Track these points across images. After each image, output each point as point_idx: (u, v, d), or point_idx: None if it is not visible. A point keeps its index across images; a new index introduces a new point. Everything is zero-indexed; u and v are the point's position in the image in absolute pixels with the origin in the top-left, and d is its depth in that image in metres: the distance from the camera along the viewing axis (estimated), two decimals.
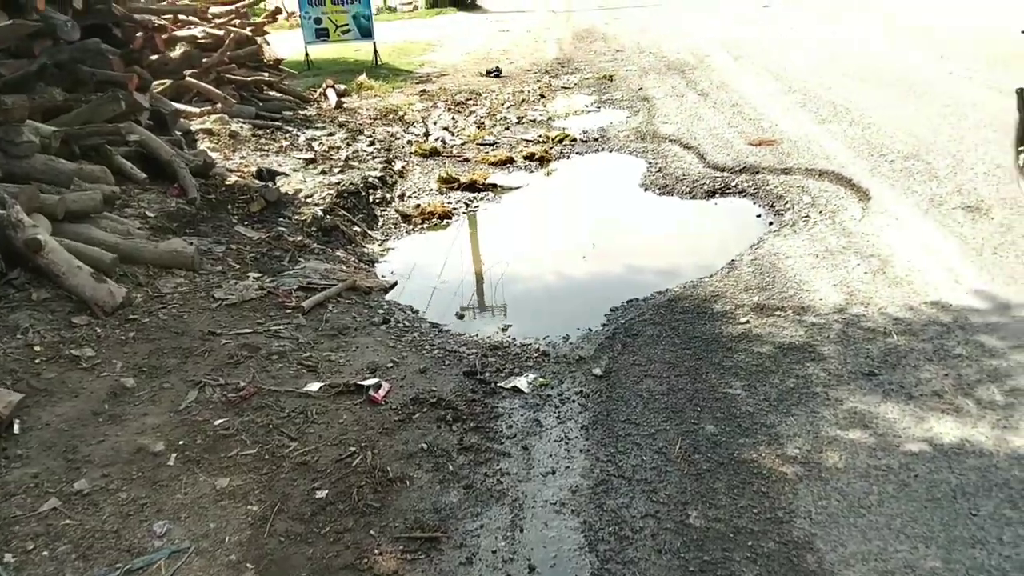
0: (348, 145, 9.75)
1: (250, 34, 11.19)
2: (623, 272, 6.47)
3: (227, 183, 7.62)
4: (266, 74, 11.25)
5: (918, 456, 3.65)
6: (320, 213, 7.19)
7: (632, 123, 10.95)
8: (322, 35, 17.15)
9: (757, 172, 8.25)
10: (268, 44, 12.11)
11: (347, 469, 3.91)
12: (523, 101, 12.86)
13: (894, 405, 4.06)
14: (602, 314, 5.69)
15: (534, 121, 11.60)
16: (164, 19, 9.53)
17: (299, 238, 6.88)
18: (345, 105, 12.16)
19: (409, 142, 10.33)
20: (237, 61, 10.93)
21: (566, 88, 13.78)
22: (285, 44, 18.49)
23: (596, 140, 10.36)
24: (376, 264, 6.98)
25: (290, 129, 10.18)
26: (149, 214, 6.70)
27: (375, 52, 17.16)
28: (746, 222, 7.23)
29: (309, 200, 7.63)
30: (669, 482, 3.67)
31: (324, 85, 12.67)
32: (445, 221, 7.91)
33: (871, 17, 17.50)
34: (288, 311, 5.61)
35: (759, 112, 10.40)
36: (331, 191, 7.75)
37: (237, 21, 11.31)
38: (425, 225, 7.84)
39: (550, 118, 11.76)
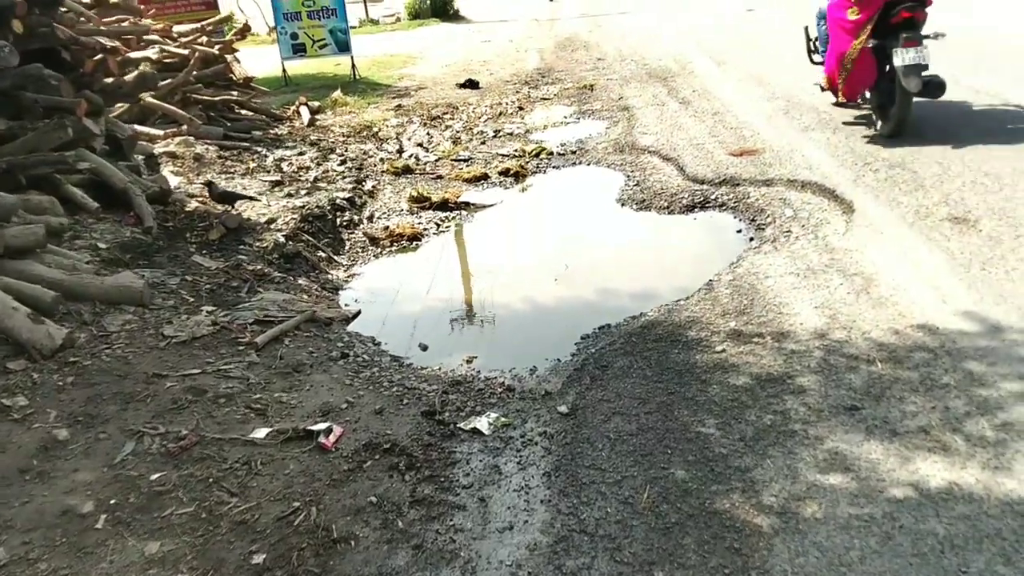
0: (318, 165, 9.47)
1: (218, 52, 10.90)
2: (596, 296, 6.18)
3: (187, 209, 7.32)
4: (235, 93, 10.95)
5: (903, 503, 3.36)
6: (282, 239, 6.90)
7: (611, 134, 10.68)
8: (299, 50, 16.90)
9: (738, 184, 7.98)
10: (239, 62, 11.82)
11: (289, 529, 3.61)
12: (501, 114, 12.59)
13: (878, 443, 3.77)
14: (572, 343, 5.42)
15: (511, 134, 11.33)
16: (124, 39, 9.23)
17: (259, 267, 6.59)
18: (318, 122, 11.88)
19: (382, 160, 10.05)
20: (204, 81, 10.64)
21: (545, 99, 13.52)
22: (263, 60, 18.26)
23: (574, 153, 10.09)
24: (340, 291, 6.69)
25: (259, 149, 9.89)
26: (101, 246, 6.40)
27: (353, 66, 16.90)
28: (726, 238, 6.95)
29: (272, 225, 7.34)
30: (635, 538, 3.37)
31: (297, 102, 12.38)
32: (415, 243, 7.63)
33: None
34: (241, 347, 5.32)
35: (741, 120, 10.14)
36: (295, 215, 7.46)
37: (204, 39, 11.01)
38: (394, 248, 7.56)
39: (528, 131, 11.49)
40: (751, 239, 6.80)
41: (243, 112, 11.35)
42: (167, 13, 16.70)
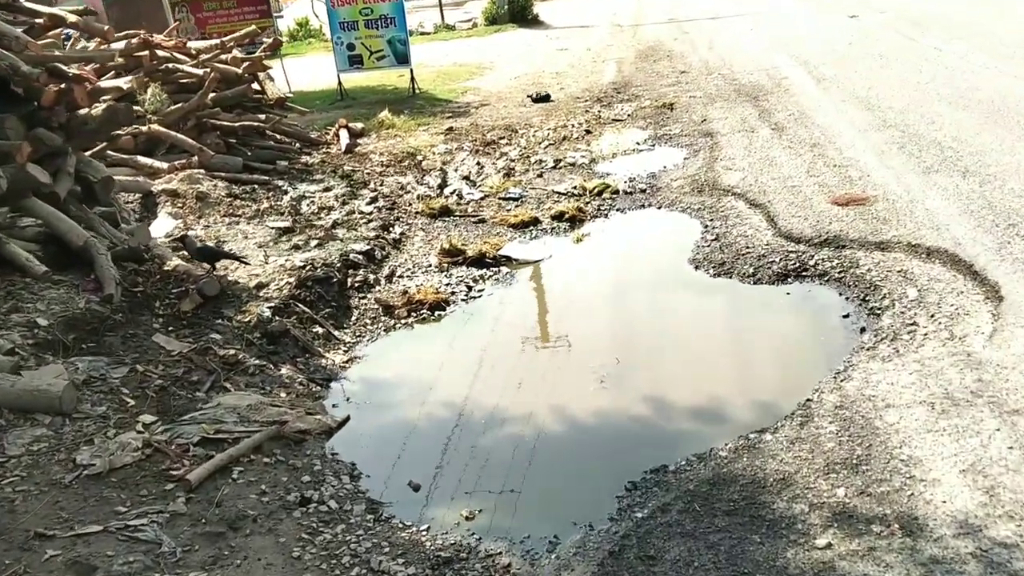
0: (343, 204, 8.17)
1: (241, 72, 9.71)
2: (651, 411, 4.67)
3: (165, 268, 6.07)
4: (264, 116, 9.75)
5: None
6: (268, 314, 5.59)
7: (689, 168, 9.10)
8: (356, 62, 15.72)
9: (844, 246, 6.35)
10: (271, 79, 10.64)
11: None
12: (565, 139, 11.11)
13: None
14: (613, 495, 3.92)
15: (573, 165, 9.84)
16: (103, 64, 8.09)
17: (233, 351, 5.29)
18: (359, 148, 10.61)
19: (419, 197, 8.70)
20: (224, 104, 9.46)
21: (617, 120, 11.98)
22: (324, 70, 17.17)
23: (643, 192, 8.55)
24: (332, 384, 5.35)
25: (280, 184, 8.65)
26: (41, 322, 5.19)
27: (412, 80, 15.64)
28: (828, 326, 5.36)
29: (263, 291, 6.04)
30: None
31: (337, 125, 11.14)
32: (437, 314, 6.23)
33: (970, 30, 15.14)
34: (171, 485, 3.99)
35: (846, 156, 8.44)
36: (292, 278, 6.14)
37: (227, 57, 9.85)
38: (411, 319, 6.18)
39: (593, 160, 9.99)
40: (862, 330, 5.19)
41: (275, 137, 10.15)
42: (219, 22, 15.73)
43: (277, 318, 5.63)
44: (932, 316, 5.06)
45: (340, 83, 15.71)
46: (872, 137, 9.05)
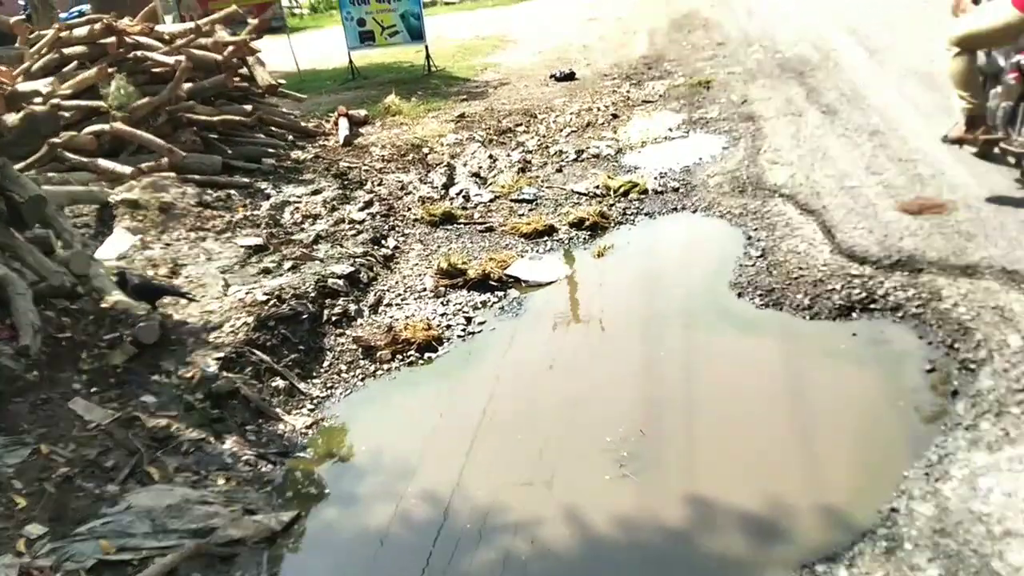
0: (332, 211, 7.13)
1: (221, 59, 8.64)
2: (681, 523, 3.58)
3: (103, 306, 5.08)
4: (249, 108, 8.68)
5: None
6: (214, 370, 4.57)
7: (729, 161, 7.93)
8: (367, 39, 14.64)
9: (921, 270, 5.19)
10: (261, 64, 9.54)
11: None
12: (589, 124, 9.95)
13: None
14: None
15: (597, 157, 8.70)
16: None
17: (164, 421, 4.28)
18: (359, 140, 9.54)
19: (421, 199, 7.63)
20: (203, 95, 8.41)
21: (648, 102, 10.77)
22: (337, 45, 16.07)
23: (676, 191, 7.40)
24: (287, 461, 4.30)
25: (263, 186, 7.62)
26: None
27: (427, 58, 14.52)
28: (909, 385, 4.24)
29: (215, 334, 5.02)
30: None
31: (337, 113, 10.05)
32: (427, 356, 5.18)
33: None
34: None
35: (912, 147, 7.21)
36: (252, 317, 5.11)
37: (209, 41, 8.77)
38: (396, 364, 5.14)
39: (620, 151, 8.84)
40: (954, 394, 4.05)
41: (269, 129, 9.09)
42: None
43: (225, 374, 4.61)
44: None
45: (351, 61, 14.64)
46: (940, 123, 7.74)
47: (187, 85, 8.18)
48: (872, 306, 5.00)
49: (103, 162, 7.14)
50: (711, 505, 3.61)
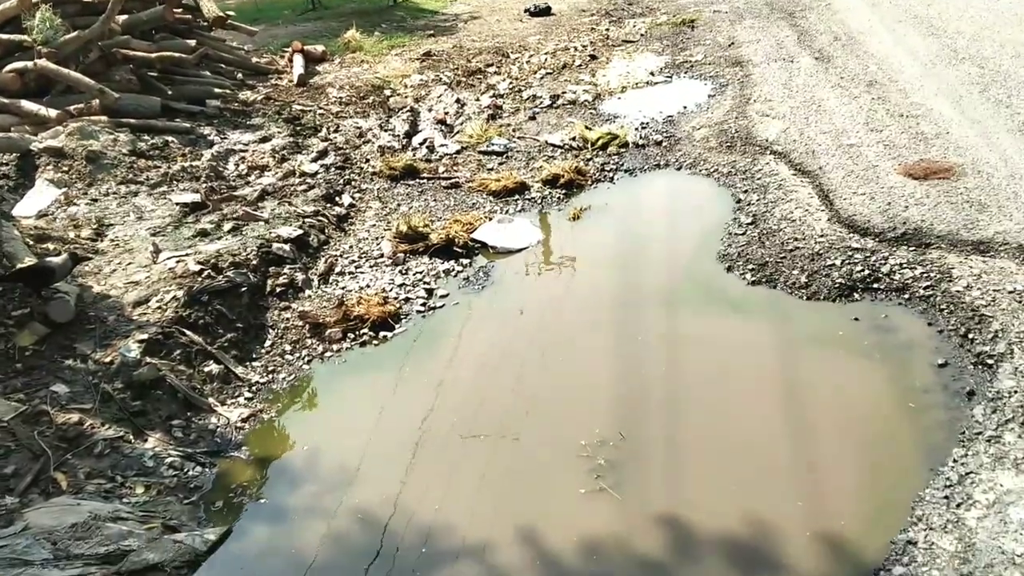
0: (282, 161, 6.49)
1: None
2: (663, 553, 3.09)
3: (21, 267, 4.44)
4: (193, 43, 7.91)
5: None
6: (134, 355, 3.99)
7: (716, 111, 7.35)
8: None
9: (929, 244, 4.71)
10: None
11: None
12: (565, 66, 9.29)
13: None
14: None
15: (573, 103, 8.08)
16: None
17: (75, 416, 3.72)
18: (315, 79, 8.80)
19: (380, 150, 6.99)
20: (141, 29, 7.62)
21: (628, 42, 10.12)
22: None
23: (658, 145, 6.83)
24: (219, 458, 3.78)
25: (205, 132, 6.93)
26: None
27: None
28: (919, 383, 3.79)
29: (139, 310, 4.43)
30: None
31: (292, 49, 9.29)
32: (382, 335, 4.65)
33: None
34: None
35: (913, 101, 6.68)
36: (183, 289, 4.52)
37: None
38: (346, 343, 4.60)
39: (598, 96, 8.22)
40: (969, 395, 3.59)
41: (218, 66, 8.35)
42: None
43: (148, 359, 4.04)
44: None
45: None
46: (943, 74, 7.25)
47: (121, 17, 7.40)
48: (875, 286, 4.52)
49: (27, 104, 6.44)
50: (693, 535, 3.15)
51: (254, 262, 5.01)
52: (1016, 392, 3.53)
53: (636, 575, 3.01)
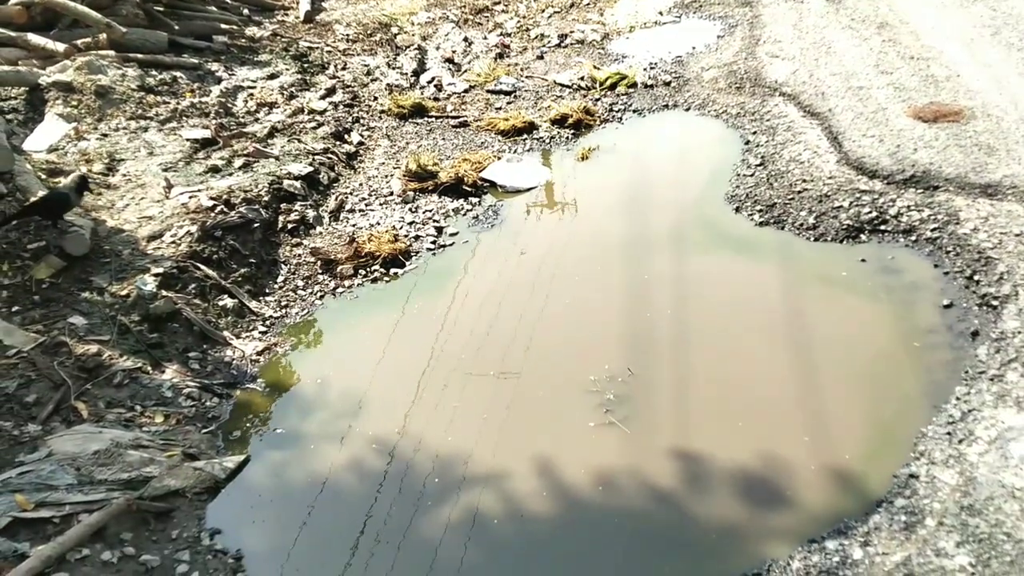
0: (291, 98, 6.48)
1: None
2: (671, 483, 3.22)
3: (33, 200, 4.48)
4: None
5: None
6: (150, 288, 4.04)
7: (725, 52, 7.31)
8: None
9: (937, 187, 4.73)
10: None
11: None
12: (573, 4, 9.21)
13: None
14: None
15: (582, 43, 8.03)
16: None
17: (94, 348, 3.79)
18: (322, 15, 8.72)
19: (388, 88, 6.97)
20: None
21: None
22: None
23: (667, 85, 6.81)
24: (236, 390, 3.87)
25: (212, 68, 6.90)
26: None
27: None
28: (924, 323, 3.85)
29: (156, 243, 4.47)
30: None
31: None
32: (393, 272, 4.70)
33: None
34: None
35: (924, 44, 6.64)
36: (197, 224, 4.56)
37: None
38: (358, 279, 4.66)
39: (606, 36, 8.16)
40: (974, 335, 3.65)
41: (224, 0, 8.26)
42: None
43: (164, 293, 4.10)
44: None
45: None
46: (955, 17, 7.18)
47: None
48: (883, 227, 4.56)
49: (34, 37, 6.40)
50: (703, 466, 3.24)
51: (266, 198, 5.04)
52: (1020, 332, 3.60)
53: (645, 505, 3.10)
